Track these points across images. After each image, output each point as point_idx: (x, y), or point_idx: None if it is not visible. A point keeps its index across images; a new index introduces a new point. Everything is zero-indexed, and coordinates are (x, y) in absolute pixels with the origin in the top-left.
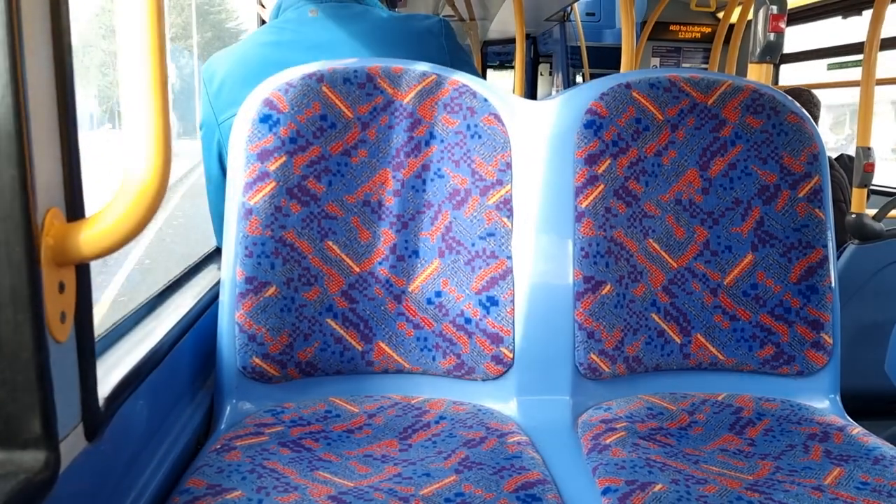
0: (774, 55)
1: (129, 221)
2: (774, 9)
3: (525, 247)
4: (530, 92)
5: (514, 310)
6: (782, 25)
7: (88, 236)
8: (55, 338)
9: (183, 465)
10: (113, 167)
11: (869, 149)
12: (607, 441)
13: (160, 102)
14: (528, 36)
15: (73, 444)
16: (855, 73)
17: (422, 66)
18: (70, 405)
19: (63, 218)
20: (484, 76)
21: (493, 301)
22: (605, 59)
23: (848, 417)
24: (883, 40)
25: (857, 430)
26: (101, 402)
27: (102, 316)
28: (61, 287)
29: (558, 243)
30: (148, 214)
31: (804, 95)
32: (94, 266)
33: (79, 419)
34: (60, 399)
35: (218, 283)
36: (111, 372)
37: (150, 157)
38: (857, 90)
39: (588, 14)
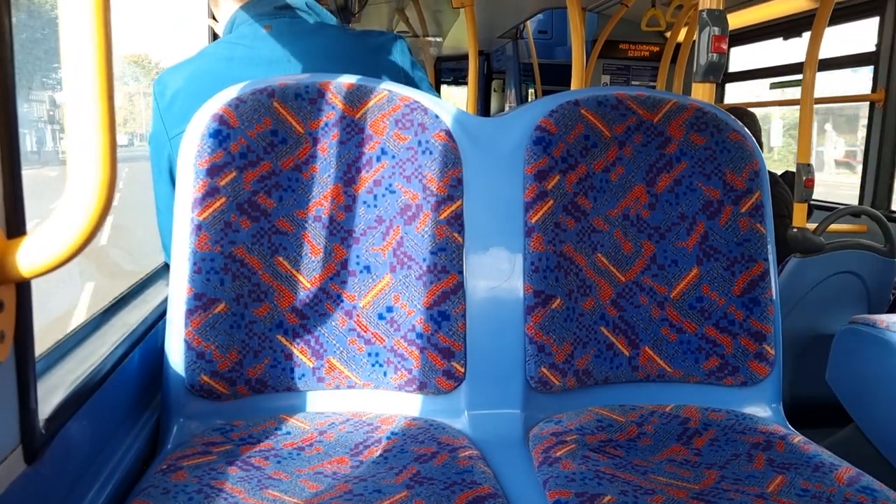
0: (717, 75)
1: (72, 239)
2: (716, 30)
3: (476, 262)
4: (483, 108)
5: (465, 324)
6: (724, 46)
7: (29, 254)
8: None
9: (128, 487)
10: None
11: (809, 165)
12: (558, 454)
13: (105, 116)
14: (481, 52)
15: (11, 466)
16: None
17: (373, 83)
18: (8, 427)
19: (3, 235)
20: (438, 92)
21: (445, 316)
22: (558, 76)
23: (790, 426)
24: (821, 61)
25: (798, 438)
26: (41, 423)
27: None
28: (0, 306)
29: (509, 258)
30: (92, 231)
31: (747, 115)
32: None
33: (17, 441)
34: None
35: (166, 299)
36: (53, 392)
37: (95, 172)
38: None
39: (540, 32)
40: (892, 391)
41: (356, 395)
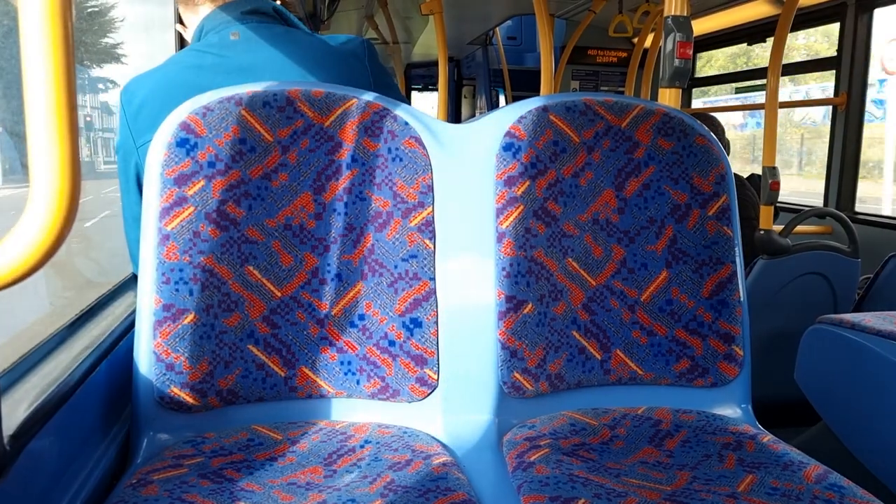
0: (683, 80)
1: (34, 251)
2: (682, 36)
3: (447, 268)
4: (454, 114)
5: (437, 331)
6: (689, 52)
7: None
8: None
9: (97, 503)
10: None
11: (774, 168)
12: (531, 458)
13: (68, 123)
14: (451, 59)
15: None
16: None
17: (342, 90)
18: None
19: None
20: (408, 98)
21: (417, 323)
22: (527, 82)
23: (759, 426)
24: (785, 66)
25: (767, 437)
26: (5, 439)
27: None
28: None
29: (480, 264)
30: (55, 243)
31: (710, 120)
32: None
33: None
34: None
35: (134, 311)
36: (17, 408)
37: (57, 183)
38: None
39: (510, 38)
40: (858, 388)
41: (329, 404)
